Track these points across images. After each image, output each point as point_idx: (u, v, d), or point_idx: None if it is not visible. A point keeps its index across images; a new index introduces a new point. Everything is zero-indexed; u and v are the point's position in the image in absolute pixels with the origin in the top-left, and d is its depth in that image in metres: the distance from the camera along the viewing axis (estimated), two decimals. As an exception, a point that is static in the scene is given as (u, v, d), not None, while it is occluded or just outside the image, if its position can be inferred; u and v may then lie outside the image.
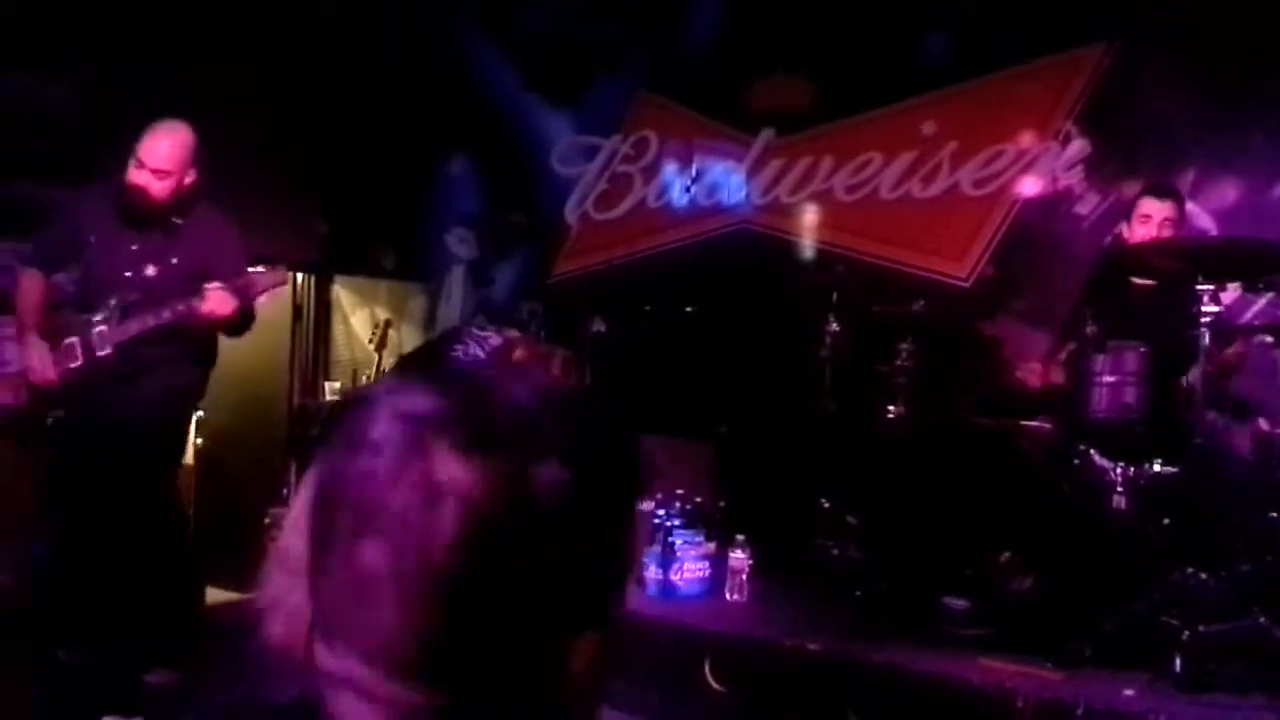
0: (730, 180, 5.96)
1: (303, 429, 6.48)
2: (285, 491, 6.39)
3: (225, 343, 4.12)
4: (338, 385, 6.66)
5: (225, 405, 5.78)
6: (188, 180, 3.82)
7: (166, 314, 3.67)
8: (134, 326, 3.69)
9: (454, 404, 0.74)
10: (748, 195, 5.89)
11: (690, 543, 4.09)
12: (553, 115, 6.48)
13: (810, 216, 5.71)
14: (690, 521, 4.16)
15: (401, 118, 6.54)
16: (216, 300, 3.61)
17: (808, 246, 5.68)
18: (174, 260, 3.78)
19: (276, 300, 6.79)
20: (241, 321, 3.85)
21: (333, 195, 6.59)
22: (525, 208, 6.55)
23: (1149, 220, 3.92)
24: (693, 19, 6.02)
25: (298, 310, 6.97)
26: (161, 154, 3.76)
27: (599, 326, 5.48)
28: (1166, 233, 3.89)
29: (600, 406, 0.82)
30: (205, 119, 3.98)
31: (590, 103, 6.41)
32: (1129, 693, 3.02)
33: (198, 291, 3.64)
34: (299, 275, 6.95)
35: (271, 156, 5.94)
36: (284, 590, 0.78)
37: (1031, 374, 4.09)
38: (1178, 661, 3.06)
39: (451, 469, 0.71)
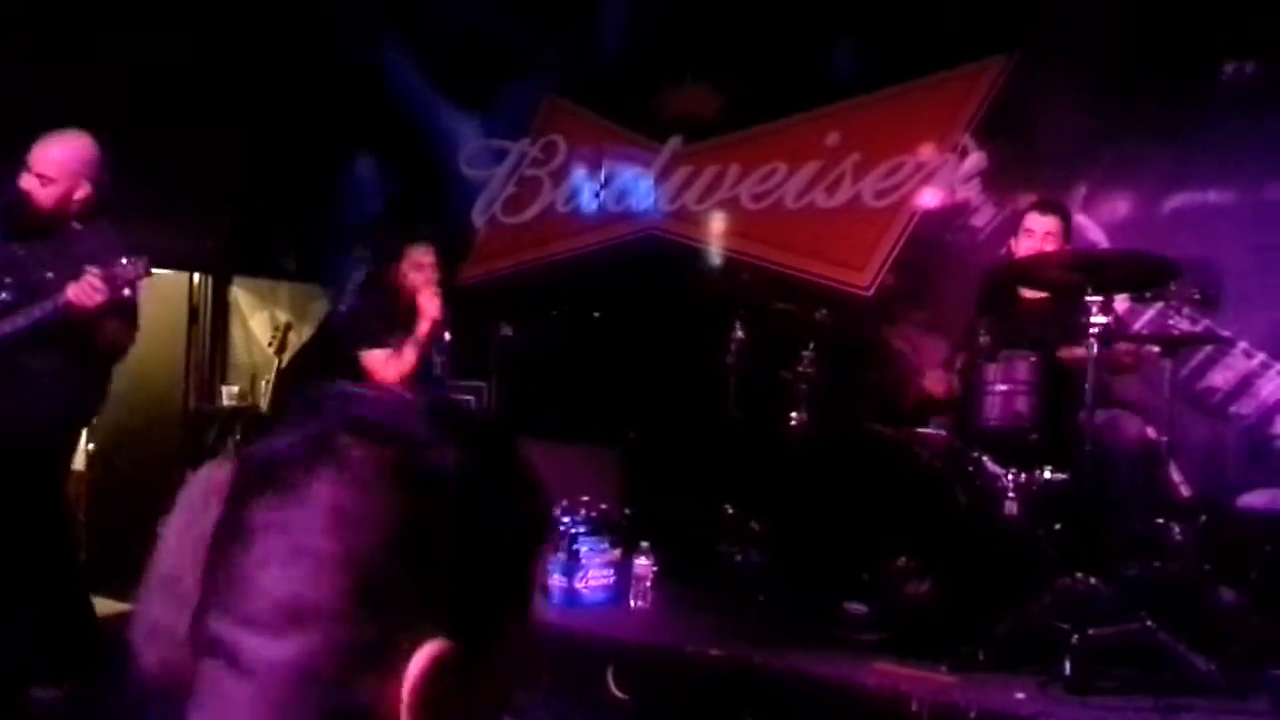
0: (639, 186, 5.98)
1: (198, 434, 6.32)
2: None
3: (119, 345, 3.99)
4: (235, 389, 6.50)
5: (119, 409, 5.59)
6: (79, 193, 3.68)
7: (36, 312, 3.53)
8: (4, 328, 3.55)
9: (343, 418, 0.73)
10: (656, 201, 5.92)
11: (595, 550, 4.08)
12: (461, 117, 6.42)
13: (717, 224, 5.76)
14: (595, 529, 4.15)
15: (306, 117, 6.41)
16: (80, 290, 3.46)
17: (714, 254, 5.73)
18: (50, 274, 3.62)
19: (172, 302, 6.64)
20: (122, 327, 3.71)
21: (233, 195, 6.43)
22: (432, 210, 6.48)
23: (1033, 235, 4.06)
24: (603, 25, 6.02)
25: (194, 312, 6.79)
26: (49, 160, 3.62)
27: (506, 331, 5.44)
28: (1049, 246, 4.02)
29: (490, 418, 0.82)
30: (103, 116, 3.84)
31: (499, 106, 6.37)
32: (1020, 695, 3.09)
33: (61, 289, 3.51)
34: (196, 276, 6.77)
35: (169, 155, 5.77)
36: (159, 615, 0.75)
37: (938, 382, 4.18)
38: (1067, 664, 3.14)
39: (350, 454, 0.70)
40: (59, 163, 3.63)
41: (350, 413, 0.73)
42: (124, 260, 3.54)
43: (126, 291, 3.59)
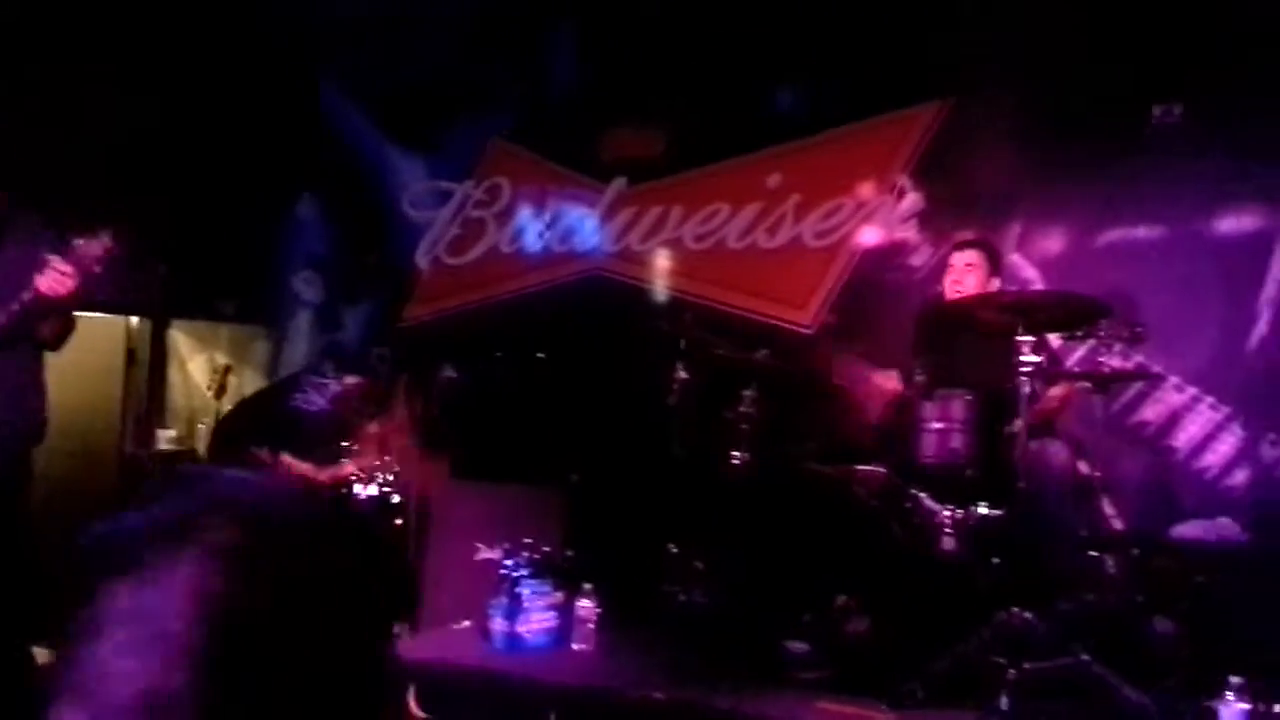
0: (584, 226, 6.01)
1: (135, 480, 6.21)
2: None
3: (54, 388, 3.91)
4: (173, 434, 6.41)
5: (54, 454, 5.47)
6: None
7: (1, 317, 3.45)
8: None
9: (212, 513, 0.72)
10: (600, 242, 5.95)
11: (538, 593, 4.04)
12: (405, 159, 6.43)
13: (661, 264, 5.80)
14: (538, 571, 4.11)
15: (249, 157, 6.38)
16: (49, 280, 3.38)
17: (658, 294, 5.76)
18: None
19: (109, 346, 6.54)
20: (67, 321, 3.63)
21: (173, 236, 6.36)
22: (376, 251, 6.46)
23: (954, 269, 4.19)
24: (548, 69, 6.07)
25: (131, 356, 6.69)
26: None
27: (450, 373, 5.42)
28: (969, 278, 4.13)
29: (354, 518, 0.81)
30: (37, 154, 3.76)
31: (443, 148, 6.38)
32: (958, 731, 3.11)
33: (27, 286, 3.43)
34: (134, 320, 6.68)
35: (108, 194, 5.71)
36: None
37: (871, 411, 4.22)
38: (1004, 700, 3.17)
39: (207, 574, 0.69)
40: None
41: (220, 494, 0.72)
42: (79, 241, 3.45)
43: (98, 269, 3.49)
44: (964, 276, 4.16)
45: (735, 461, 4.32)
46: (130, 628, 0.67)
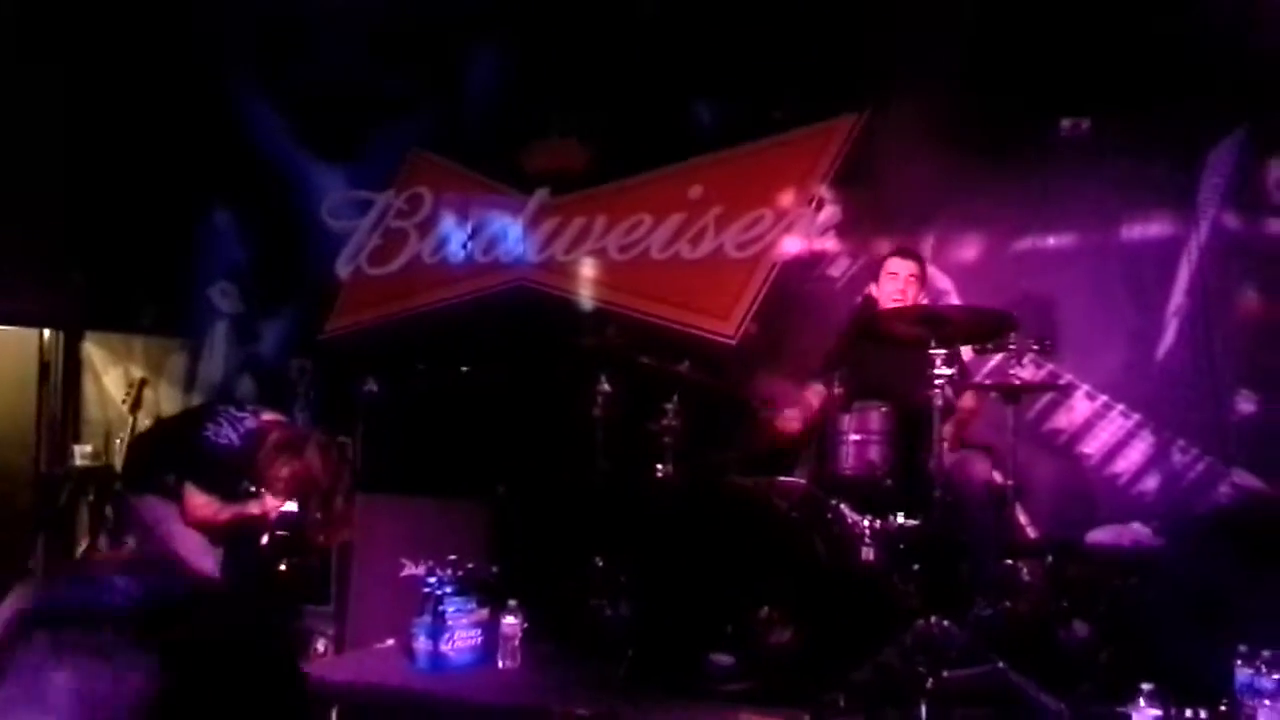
0: (507, 236, 5.97)
1: (51, 496, 6.04)
2: (30, 565, 5.92)
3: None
4: (89, 449, 6.24)
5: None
6: None
7: None
8: None
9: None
10: (524, 252, 5.92)
11: (462, 610, 4.00)
12: (324, 169, 6.33)
13: (585, 274, 5.79)
14: (462, 588, 4.07)
15: (164, 165, 6.24)
16: None
17: (583, 304, 5.76)
18: None
19: (21, 359, 6.35)
20: None
21: (87, 246, 6.20)
22: (294, 262, 6.35)
23: (895, 277, 4.25)
24: (468, 79, 6.03)
25: (45, 369, 6.51)
26: None
27: (371, 386, 5.35)
28: (911, 288, 4.22)
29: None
30: None
31: (363, 157, 6.30)
32: (879, 741, 3.15)
33: None
34: (46, 332, 6.50)
35: (19, 204, 5.55)
36: None
37: (792, 420, 4.27)
38: (923, 708, 3.22)
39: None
40: None
41: (49, 602, 0.70)
42: None
43: None
44: (907, 287, 4.22)
45: (659, 474, 4.33)
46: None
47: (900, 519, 3.71)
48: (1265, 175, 4.51)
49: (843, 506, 3.82)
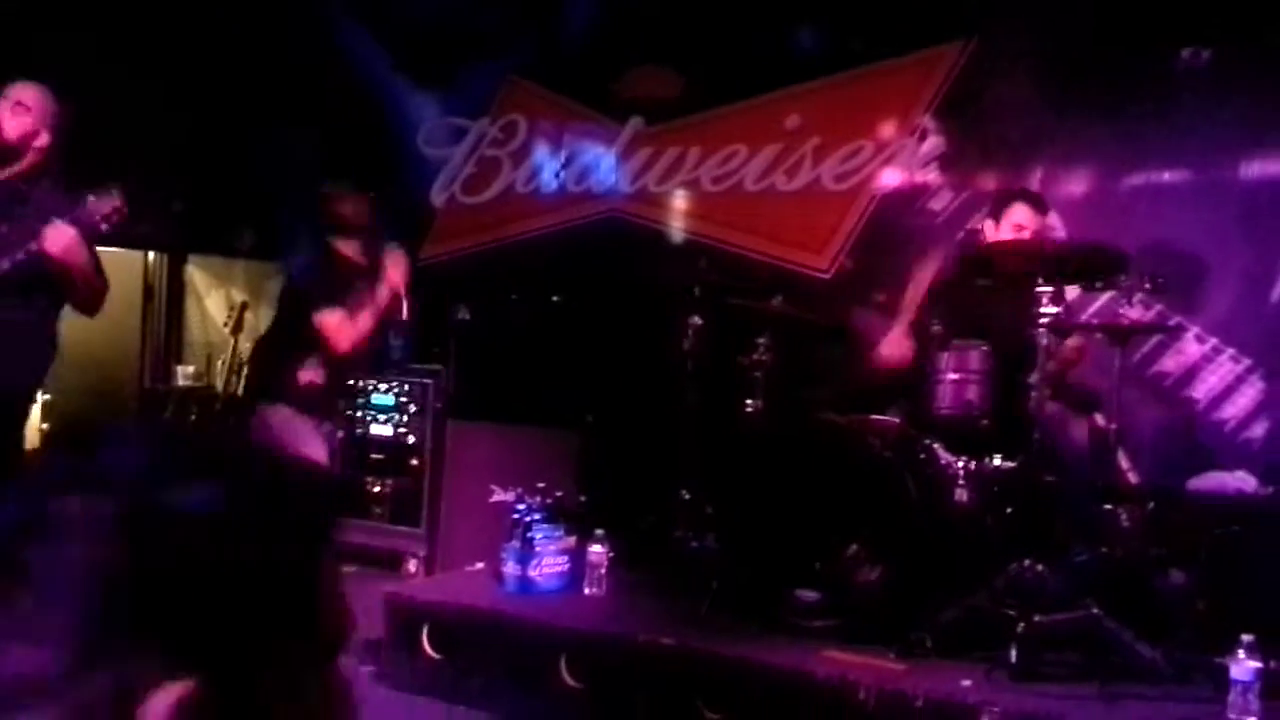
0: (600, 167, 5.93)
1: (154, 414, 6.25)
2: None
3: (73, 324, 3.96)
4: (190, 369, 6.45)
5: (73, 389, 5.53)
6: (40, 139, 3.74)
7: (4, 263, 3.51)
8: None
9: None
10: (617, 183, 5.88)
11: (550, 537, 4.06)
12: (419, 96, 6.34)
13: (677, 206, 5.74)
14: (550, 516, 4.13)
15: (262, 93, 6.31)
16: (55, 236, 3.46)
17: (674, 236, 5.71)
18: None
19: (127, 281, 6.54)
20: (92, 284, 3.68)
21: (188, 172, 6.33)
22: (390, 189, 6.40)
23: (1022, 230, 4.01)
24: (565, 5, 5.96)
25: (149, 291, 6.71)
26: (29, 93, 3.75)
27: (464, 314, 5.40)
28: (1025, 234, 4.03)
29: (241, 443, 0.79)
30: (55, 92, 3.86)
31: (458, 85, 6.29)
32: (966, 683, 3.12)
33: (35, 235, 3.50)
34: (151, 255, 6.68)
35: (122, 131, 5.67)
36: None
37: (896, 346, 4.16)
38: (1013, 652, 3.18)
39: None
40: (37, 96, 3.75)
41: (67, 468, 0.70)
42: (90, 198, 3.52)
43: (105, 228, 3.56)
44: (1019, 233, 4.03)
45: (749, 409, 4.30)
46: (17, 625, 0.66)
47: (996, 461, 3.64)
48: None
49: (937, 447, 3.76)
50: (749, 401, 4.30)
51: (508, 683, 3.63)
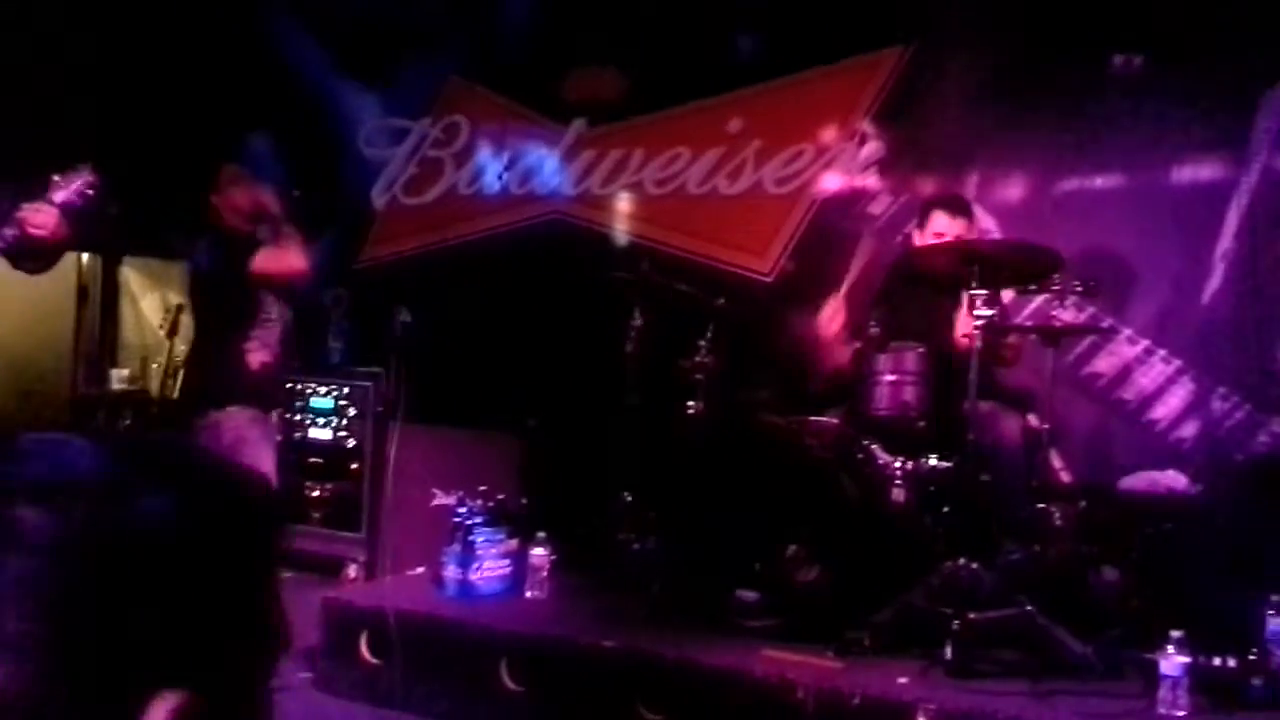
0: (543, 168, 5.92)
1: (86, 419, 6.13)
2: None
3: (4, 326, 3.88)
4: (125, 373, 6.32)
5: (5, 392, 5.41)
6: None
7: None
8: None
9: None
10: (560, 185, 5.87)
11: (491, 541, 4.05)
12: (360, 96, 6.28)
13: (621, 208, 5.74)
14: (492, 519, 4.11)
15: (201, 93, 6.22)
16: (35, 218, 3.44)
17: (618, 238, 5.71)
18: None
19: (60, 283, 6.40)
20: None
21: (124, 171, 6.21)
22: (330, 190, 6.33)
23: (942, 238, 4.09)
24: (506, 6, 5.94)
25: (83, 293, 6.57)
26: None
27: (405, 317, 5.35)
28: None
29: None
30: None
31: (399, 84, 6.24)
32: (902, 680, 3.16)
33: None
34: (85, 256, 6.54)
35: (56, 130, 5.55)
36: None
37: (842, 347, 4.18)
38: (948, 649, 3.22)
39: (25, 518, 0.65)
40: None
41: (24, 476, 0.68)
42: (56, 179, 3.47)
43: (79, 202, 3.54)
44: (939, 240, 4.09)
45: (690, 411, 4.32)
46: None
47: (932, 461, 3.68)
48: (1321, 119, 4.36)
49: (875, 447, 3.80)
50: (690, 403, 4.31)
51: (447, 687, 3.60)
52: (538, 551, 4.01)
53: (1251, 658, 3.07)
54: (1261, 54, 4.36)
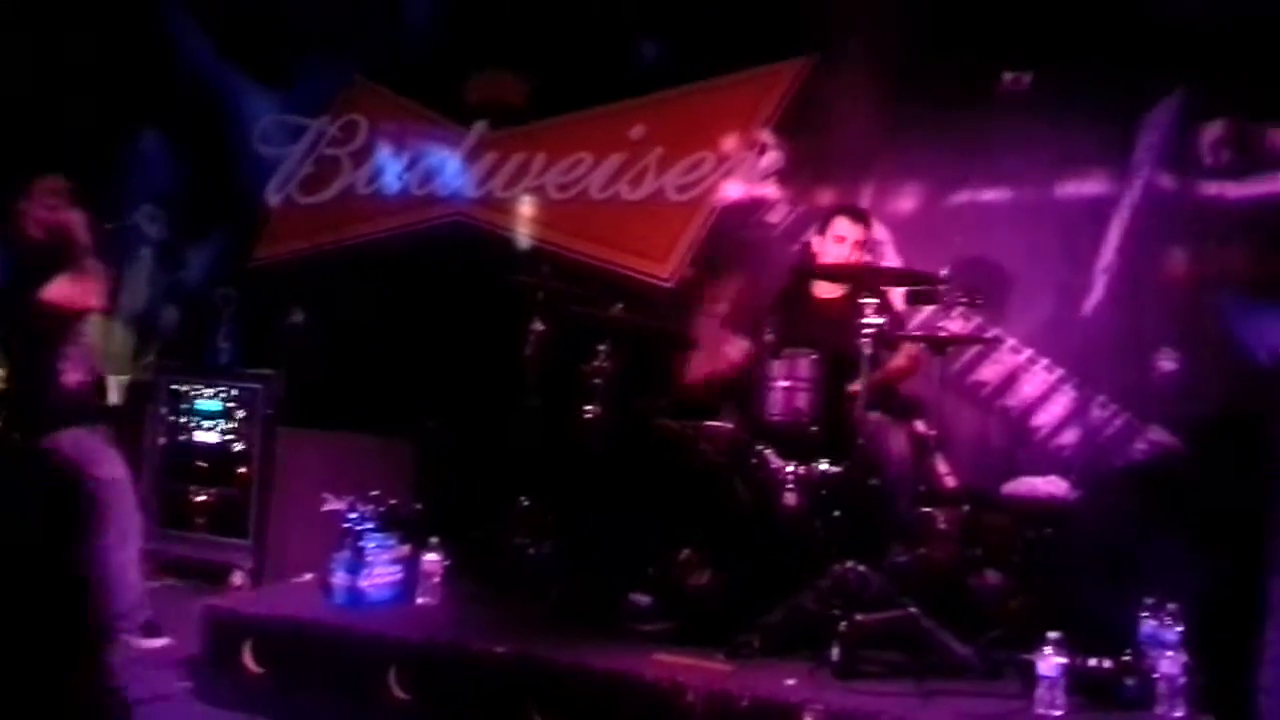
0: (445, 170, 5.86)
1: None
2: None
3: None
4: (2, 372, 6.07)
5: None
6: None
7: None
8: None
9: None
10: (462, 186, 5.82)
11: (382, 546, 3.97)
12: (256, 93, 6.15)
13: (523, 212, 5.71)
14: (384, 524, 4.03)
15: (90, 86, 6.02)
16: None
17: (519, 242, 5.68)
18: None
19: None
20: None
21: (8, 165, 5.97)
22: (223, 187, 6.17)
23: (843, 241, 4.19)
24: (409, 7, 5.87)
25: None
26: None
27: (297, 317, 5.25)
28: (857, 254, 4.17)
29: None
30: None
31: (299, 83, 6.13)
32: (790, 682, 3.19)
33: None
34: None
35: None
36: None
37: (737, 350, 4.24)
38: (835, 651, 3.26)
39: None
40: None
41: None
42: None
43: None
44: (853, 252, 4.17)
45: (588, 415, 4.31)
46: None
47: (824, 465, 3.73)
48: (1199, 138, 4.54)
49: (768, 452, 3.84)
50: (588, 408, 4.31)
51: (333, 696, 3.53)
52: (430, 557, 3.95)
53: (1126, 658, 3.17)
54: (1144, 73, 4.53)
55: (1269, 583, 2.91)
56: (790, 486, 3.71)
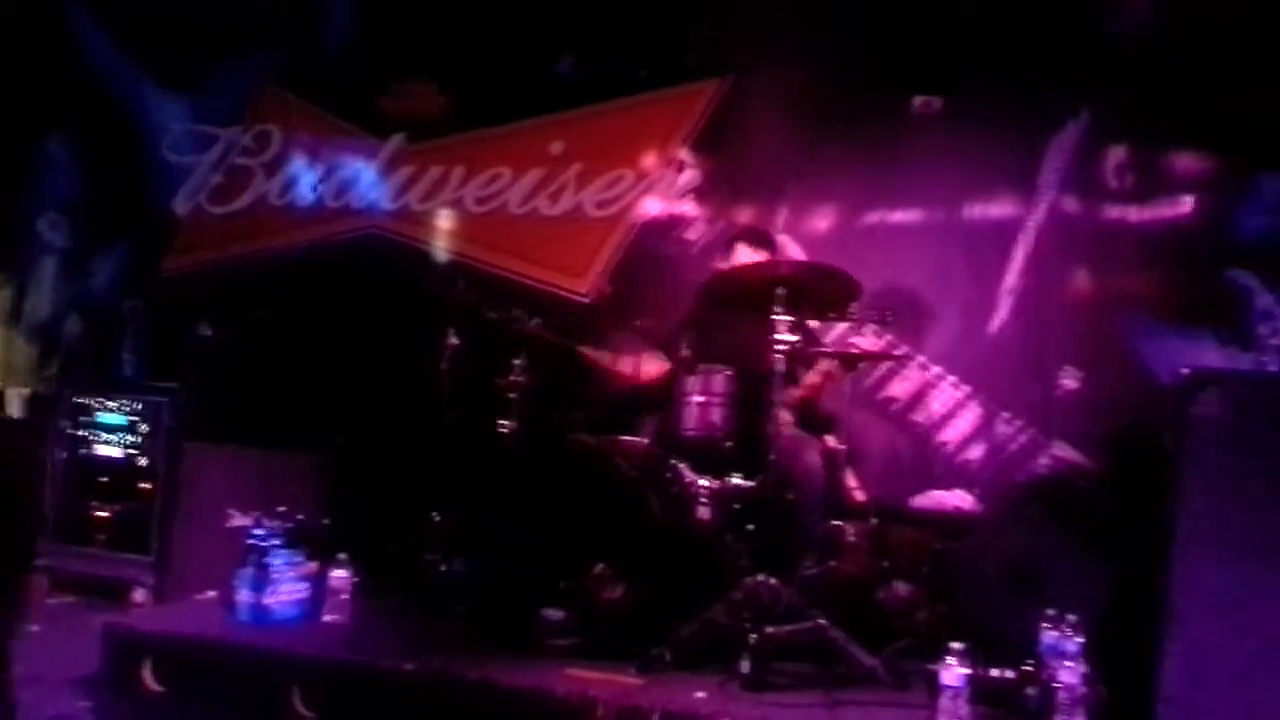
0: (361, 182, 5.80)
1: None
2: None
3: None
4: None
5: None
6: None
7: None
8: None
9: None
10: (378, 199, 5.76)
11: (289, 562, 3.89)
12: (165, 99, 6.02)
13: (439, 225, 5.67)
14: (291, 540, 3.96)
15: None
16: None
17: (436, 256, 5.64)
18: None
19: None
20: None
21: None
22: (130, 196, 6.02)
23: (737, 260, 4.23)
24: (325, 17, 5.81)
25: None
26: None
27: (205, 330, 5.13)
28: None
29: None
30: None
31: (211, 92, 6.01)
32: (700, 695, 3.19)
33: None
34: None
35: None
36: None
37: (653, 364, 4.25)
38: (745, 663, 3.28)
39: None
40: None
41: None
42: None
43: None
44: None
45: (503, 429, 4.29)
46: None
47: (737, 480, 3.76)
48: (1104, 161, 4.69)
49: (682, 466, 3.86)
50: (504, 422, 4.29)
51: (236, 716, 3.44)
52: (338, 573, 3.88)
53: (1027, 669, 3.24)
54: (1051, 99, 4.67)
55: (1168, 594, 2.99)
56: (704, 501, 3.73)
